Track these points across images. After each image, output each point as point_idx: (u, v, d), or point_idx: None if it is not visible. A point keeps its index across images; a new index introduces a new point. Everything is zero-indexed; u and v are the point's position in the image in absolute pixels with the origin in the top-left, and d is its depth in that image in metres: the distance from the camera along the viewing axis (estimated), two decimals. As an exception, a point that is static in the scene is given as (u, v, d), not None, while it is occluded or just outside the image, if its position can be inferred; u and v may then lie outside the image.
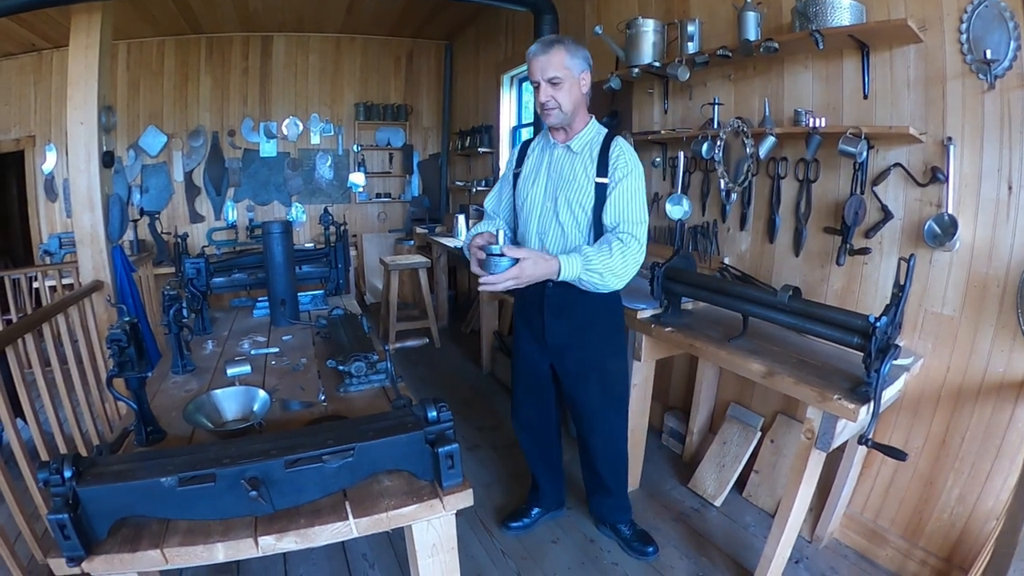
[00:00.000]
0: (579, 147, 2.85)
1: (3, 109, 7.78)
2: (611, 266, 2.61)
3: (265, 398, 2.23)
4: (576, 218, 2.83)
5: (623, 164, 2.75)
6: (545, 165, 2.96)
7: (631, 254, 2.65)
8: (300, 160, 8.78)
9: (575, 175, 2.83)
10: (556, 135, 2.93)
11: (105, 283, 4.46)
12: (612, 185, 2.74)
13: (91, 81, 4.36)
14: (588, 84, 2.82)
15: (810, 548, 3.34)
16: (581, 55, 2.74)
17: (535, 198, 2.96)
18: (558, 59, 2.68)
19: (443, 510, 1.70)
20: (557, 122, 2.80)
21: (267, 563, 3.25)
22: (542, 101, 2.75)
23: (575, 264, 2.58)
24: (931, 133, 2.84)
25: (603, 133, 2.88)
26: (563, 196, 2.85)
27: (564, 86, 2.70)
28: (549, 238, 2.92)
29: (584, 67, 2.76)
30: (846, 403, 2.37)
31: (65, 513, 1.41)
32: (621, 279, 2.67)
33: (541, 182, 2.95)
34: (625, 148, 2.80)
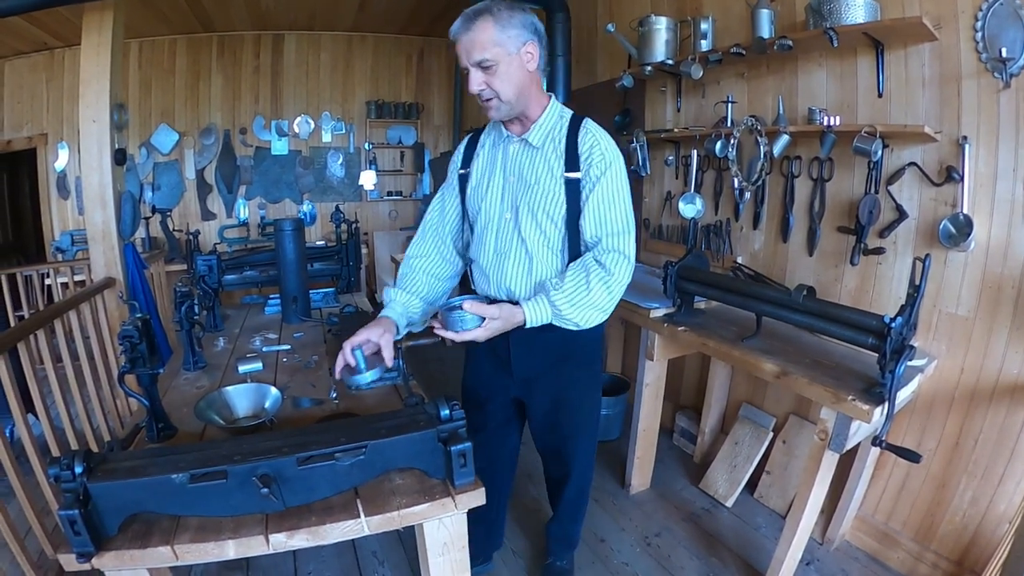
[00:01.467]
0: (539, 139, 2.29)
1: (16, 107, 7.81)
2: (591, 302, 2.19)
3: (276, 395, 2.23)
4: (544, 232, 2.29)
5: (599, 156, 2.22)
6: (499, 166, 2.40)
7: (616, 280, 2.22)
8: (311, 158, 8.78)
9: (538, 176, 2.28)
10: (510, 126, 2.35)
11: (117, 280, 4.47)
12: (588, 185, 2.23)
13: (103, 79, 4.37)
14: (536, 58, 2.20)
15: (821, 550, 3.32)
16: (519, 22, 2.12)
17: (490, 209, 2.41)
18: (485, 35, 2.08)
19: (455, 508, 1.70)
20: (501, 115, 2.24)
21: (277, 560, 3.25)
22: (474, 91, 2.18)
23: (542, 311, 2.19)
24: (946, 132, 2.82)
25: (567, 117, 2.32)
26: (525, 205, 2.30)
27: (499, 68, 2.12)
28: (511, 261, 2.37)
29: (527, 36, 2.14)
30: (860, 404, 2.35)
31: (76, 509, 1.41)
32: (605, 312, 2.26)
33: (496, 188, 2.40)
34: (599, 134, 2.27)
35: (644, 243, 4.92)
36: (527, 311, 2.18)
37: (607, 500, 3.87)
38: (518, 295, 2.37)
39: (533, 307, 2.19)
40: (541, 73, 2.29)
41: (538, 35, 2.19)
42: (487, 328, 2.13)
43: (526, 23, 2.14)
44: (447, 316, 2.13)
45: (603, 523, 3.63)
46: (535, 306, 2.19)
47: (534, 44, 2.17)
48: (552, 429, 2.70)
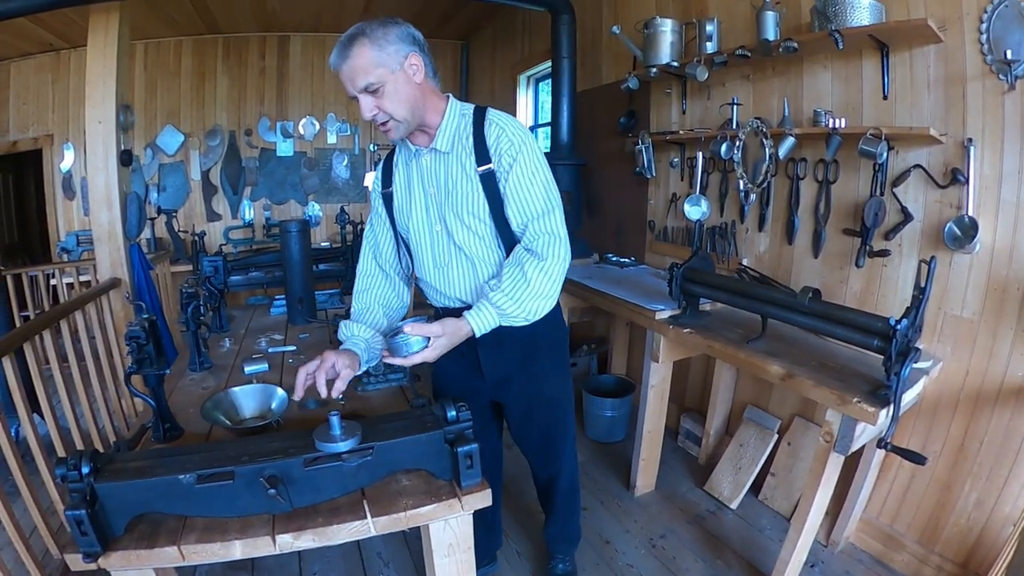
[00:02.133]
0: (447, 144, 2.23)
1: (21, 108, 7.82)
2: (533, 292, 2.11)
3: (283, 396, 2.24)
4: (476, 233, 2.26)
5: (507, 143, 2.16)
6: (417, 181, 2.35)
7: (552, 263, 2.14)
8: (317, 159, 8.77)
9: (455, 181, 2.24)
10: (415, 140, 2.29)
11: (123, 280, 4.48)
12: (503, 175, 2.17)
13: (109, 80, 4.38)
14: (421, 69, 2.13)
15: (826, 552, 3.32)
16: (395, 36, 2.06)
17: (419, 226, 2.37)
18: (363, 59, 2.02)
19: (461, 510, 1.71)
20: (401, 134, 2.18)
21: (282, 560, 3.26)
22: (367, 118, 2.13)
23: (487, 317, 2.11)
24: (951, 134, 2.81)
25: (469, 113, 2.26)
26: (451, 212, 2.26)
27: (386, 89, 2.06)
28: (454, 270, 2.35)
29: (405, 50, 2.07)
30: (866, 406, 2.35)
31: (82, 509, 1.42)
32: (551, 298, 2.18)
33: (419, 203, 2.35)
34: (503, 121, 2.21)
35: (649, 245, 4.94)
36: (472, 321, 2.10)
37: (612, 502, 3.87)
38: (469, 300, 2.34)
39: (476, 315, 2.11)
40: (432, 80, 2.21)
41: (418, 44, 2.12)
42: (434, 347, 2.03)
43: (403, 36, 2.08)
44: (391, 342, 2.02)
45: (608, 525, 3.63)
46: (479, 313, 2.11)
47: (416, 55, 2.10)
48: (534, 427, 2.67)
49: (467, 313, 2.11)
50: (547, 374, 2.57)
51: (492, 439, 2.79)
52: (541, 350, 2.49)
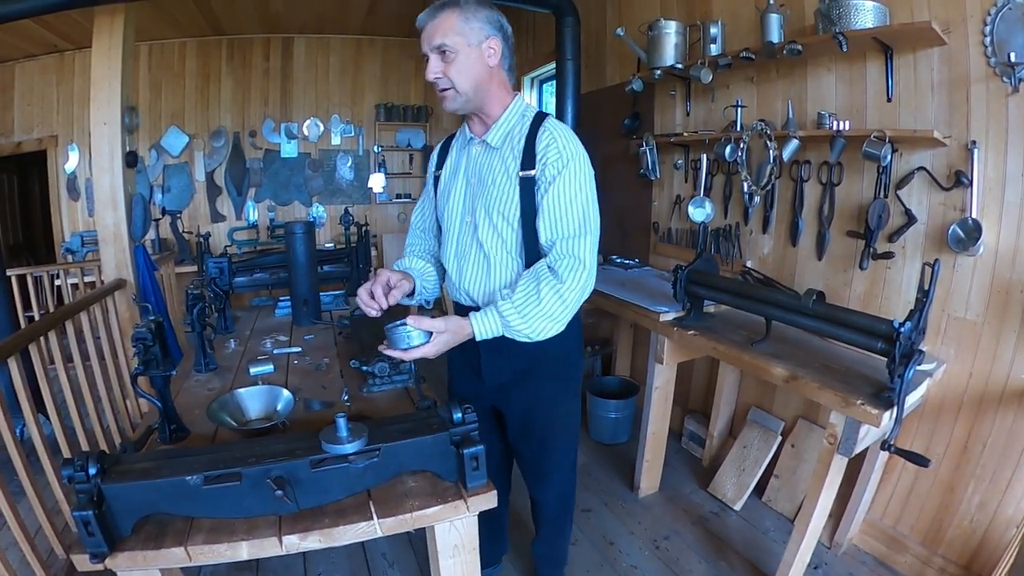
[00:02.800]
0: (498, 140, 2.23)
1: (26, 109, 7.83)
2: (543, 312, 2.06)
3: (289, 397, 2.24)
4: (500, 234, 2.22)
5: (555, 154, 2.10)
6: (463, 168, 2.36)
7: (570, 287, 2.07)
8: (321, 161, 8.78)
9: (494, 177, 2.22)
10: (473, 127, 2.33)
11: (128, 281, 4.49)
12: (543, 185, 2.12)
13: (114, 82, 4.39)
14: (498, 55, 2.15)
15: (829, 554, 3.32)
16: (484, 16, 2.10)
17: (452, 213, 2.38)
18: (447, 23, 2.05)
19: (467, 511, 1.71)
20: (456, 107, 2.18)
21: (287, 561, 3.27)
22: (430, 79, 2.14)
23: (491, 324, 2.09)
24: (955, 137, 2.81)
25: (530, 116, 2.23)
26: (481, 207, 2.25)
27: (458, 58, 2.07)
28: (469, 264, 2.33)
29: (490, 31, 2.11)
30: (870, 408, 2.35)
31: (89, 510, 1.43)
32: (559, 322, 2.11)
33: (459, 190, 2.36)
34: (558, 131, 2.15)
35: (653, 247, 4.94)
36: (474, 324, 2.08)
37: (616, 503, 3.88)
38: (477, 299, 2.34)
39: (481, 319, 2.08)
40: (506, 72, 2.24)
41: (503, 32, 2.15)
42: (435, 343, 2.00)
43: (491, 19, 2.12)
44: (392, 333, 1.98)
45: (612, 526, 3.64)
46: (483, 318, 2.08)
47: (497, 40, 2.13)
48: (526, 440, 2.60)
49: (472, 315, 2.09)
50: (548, 393, 2.48)
51: (495, 442, 2.69)
52: (543, 367, 2.40)
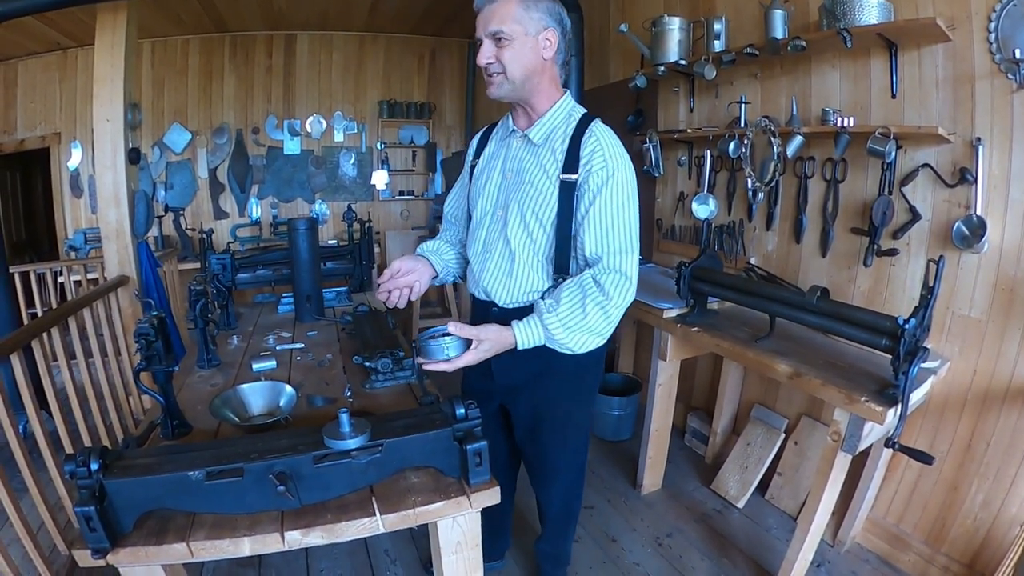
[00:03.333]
0: (541, 137, 2.19)
1: (29, 107, 7.85)
2: (587, 326, 2.05)
3: (291, 393, 2.24)
4: (531, 234, 2.18)
5: (600, 163, 2.06)
6: (501, 160, 2.32)
7: (615, 304, 2.06)
8: (324, 157, 8.78)
9: (532, 175, 2.18)
10: (517, 119, 2.28)
11: (131, 278, 4.49)
12: (588, 195, 2.08)
13: (117, 79, 4.39)
14: (554, 48, 2.11)
15: (832, 552, 3.32)
16: (545, 7, 2.06)
17: (485, 204, 2.34)
18: (506, 9, 2.02)
19: (470, 507, 1.70)
20: (502, 93, 2.13)
21: (289, 557, 3.27)
22: (482, 63, 2.11)
23: (534, 334, 2.07)
24: (960, 133, 2.81)
25: (576, 116, 2.19)
26: (515, 203, 2.21)
27: (513, 45, 2.04)
28: (494, 260, 2.30)
29: (549, 23, 2.07)
30: (874, 405, 2.35)
31: (91, 505, 1.42)
32: (602, 336, 2.12)
33: (494, 183, 2.33)
34: (605, 137, 2.11)
35: (657, 244, 4.94)
36: (518, 334, 2.06)
37: (619, 500, 3.88)
38: (496, 297, 2.31)
39: (524, 329, 2.06)
40: (559, 67, 2.20)
41: (562, 26, 2.11)
42: (477, 351, 2.01)
43: (551, 10, 2.08)
44: (428, 345, 1.97)
45: (615, 523, 3.64)
46: (527, 328, 2.06)
47: (554, 32, 2.09)
48: (533, 443, 2.57)
49: (515, 323, 2.08)
50: (557, 400, 2.44)
51: (502, 441, 2.68)
52: (556, 373, 2.36)
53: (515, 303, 2.28)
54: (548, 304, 2.08)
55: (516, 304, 2.28)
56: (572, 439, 2.57)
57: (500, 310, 2.30)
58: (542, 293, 2.22)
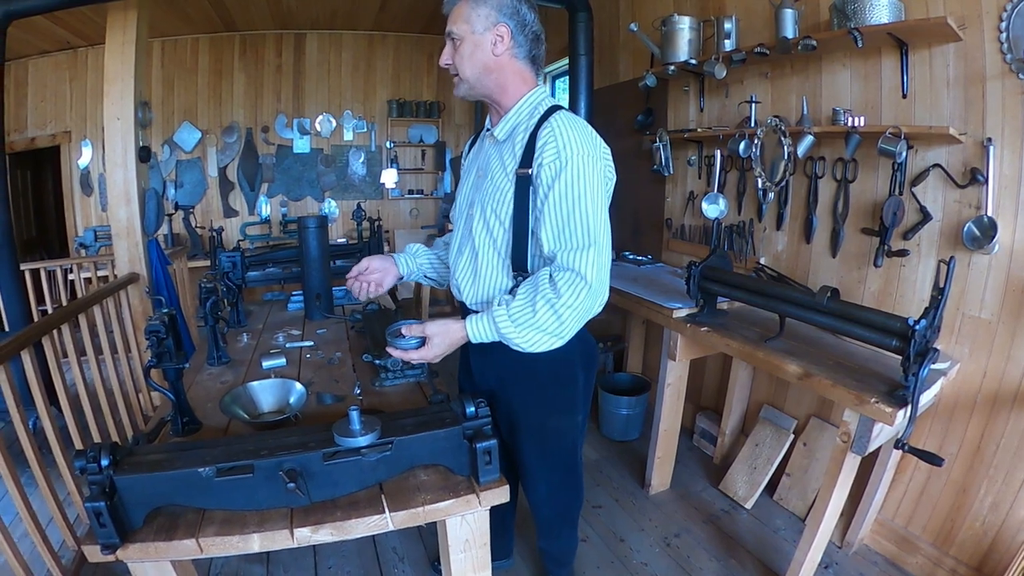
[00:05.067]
0: (504, 133, 2.14)
1: (39, 105, 7.89)
2: (536, 325, 1.92)
3: (301, 391, 2.24)
4: (492, 234, 2.12)
5: (552, 154, 1.94)
6: (477, 159, 2.32)
7: (565, 303, 1.90)
8: (333, 156, 8.80)
9: (493, 173, 2.13)
10: (492, 118, 2.25)
11: (141, 275, 4.51)
12: (542, 188, 1.97)
13: (127, 77, 4.41)
14: (506, 43, 2.04)
15: (840, 554, 3.31)
16: (494, 3, 2.00)
17: (461, 204, 2.33)
18: (459, 10, 2.03)
19: (479, 506, 1.71)
20: (461, 93, 2.15)
21: (297, 554, 3.29)
22: (441, 64, 2.14)
23: (485, 328, 1.99)
24: (970, 134, 2.80)
25: (541, 109, 2.08)
26: (479, 202, 2.17)
27: (464, 45, 2.03)
28: (463, 258, 2.27)
29: (498, 19, 2.01)
30: (883, 406, 2.34)
31: (102, 501, 1.43)
32: (556, 336, 1.97)
33: (469, 182, 2.32)
34: (562, 127, 1.96)
35: (666, 243, 4.93)
36: (468, 327, 2.00)
37: (627, 500, 3.88)
38: (465, 296, 2.28)
39: (475, 322, 1.99)
40: (523, 61, 2.11)
41: (516, 19, 2.03)
42: (431, 347, 1.98)
43: (503, 6, 2.01)
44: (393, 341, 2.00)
45: (623, 523, 3.64)
46: (477, 322, 1.99)
47: (506, 28, 2.02)
48: (513, 449, 2.48)
49: (469, 317, 2.02)
50: (531, 407, 2.34)
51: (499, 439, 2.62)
52: (529, 380, 2.28)
53: (481, 301, 2.22)
54: (503, 299, 2.01)
55: (483, 302, 2.21)
56: (552, 446, 2.46)
57: (469, 309, 2.24)
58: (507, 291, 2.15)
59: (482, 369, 2.36)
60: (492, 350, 2.09)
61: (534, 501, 2.67)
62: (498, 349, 2.04)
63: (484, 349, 2.12)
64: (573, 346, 2.11)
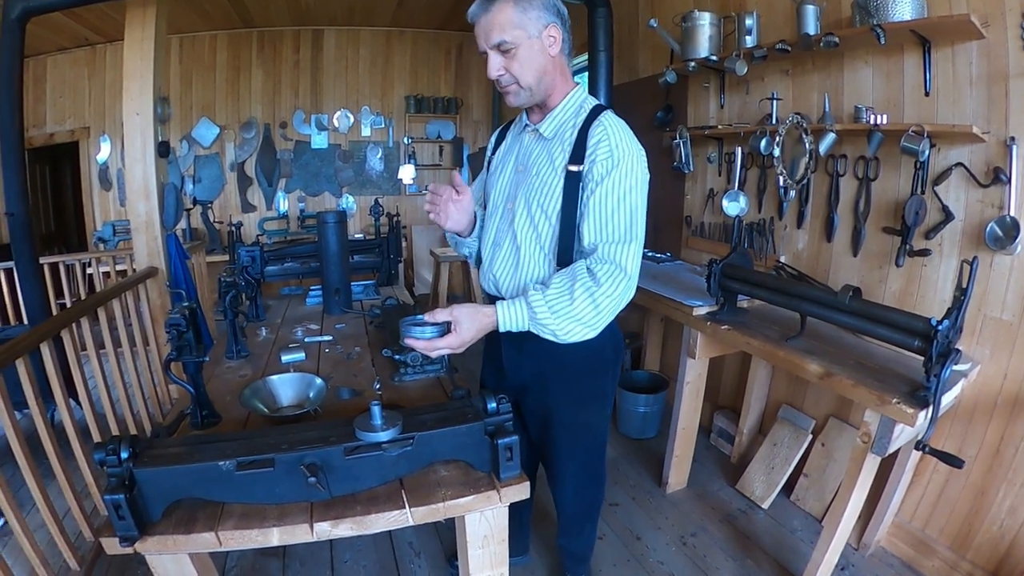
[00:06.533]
0: (551, 130, 2.14)
1: (58, 101, 7.97)
2: (572, 313, 1.91)
3: (321, 385, 2.25)
4: (536, 227, 2.13)
5: (606, 153, 1.98)
6: (514, 154, 2.30)
7: (605, 292, 1.92)
8: (351, 152, 8.85)
9: (540, 168, 2.13)
10: (531, 114, 2.23)
11: (160, 269, 4.53)
12: (591, 184, 2.00)
13: (146, 73, 4.43)
14: (559, 41, 2.05)
15: (856, 555, 3.29)
16: (540, 3, 1.98)
17: (497, 197, 2.32)
18: (504, 15, 1.94)
19: (499, 502, 1.71)
20: (522, 102, 2.11)
21: (313, 548, 3.31)
22: (492, 77, 2.05)
23: (518, 314, 1.95)
24: (993, 132, 2.76)
25: (587, 108, 2.12)
26: (522, 197, 2.17)
27: (519, 52, 1.98)
28: (502, 252, 2.25)
29: (548, 19, 2.00)
30: (905, 407, 2.32)
31: (121, 494, 1.43)
32: (590, 327, 1.96)
33: (506, 176, 2.30)
34: (613, 128, 2.03)
35: (686, 240, 4.92)
36: (500, 311, 1.95)
37: (644, 498, 3.87)
38: (504, 290, 2.26)
39: (508, 308, 1.95)
40: (566, 58, 2.13)
41: (561, 17, 2.03)
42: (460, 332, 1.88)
43: (547, 4, 1.99)
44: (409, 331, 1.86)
45: (639, 521, 3.63)
46: (510, 307, 1.95)
47: (556, 27, 2.02)
48: (544, 443, 2.52)
49: (499, 303, 1.97)
50: (566, 402, 2.37)
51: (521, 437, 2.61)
52: (564, 375, 2.30)
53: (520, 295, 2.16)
54: (537, 287, 1.99)
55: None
56: (583, 441, 2.50)
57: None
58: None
59: (516, 362, 2.35)
60: (527, 343, 2.11)
61: (560, 498, 2.69)
62: (533, 341, 2.03)
63: (518, 342, 2.17)
64: (606, 338, 2.13)
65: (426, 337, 1.87)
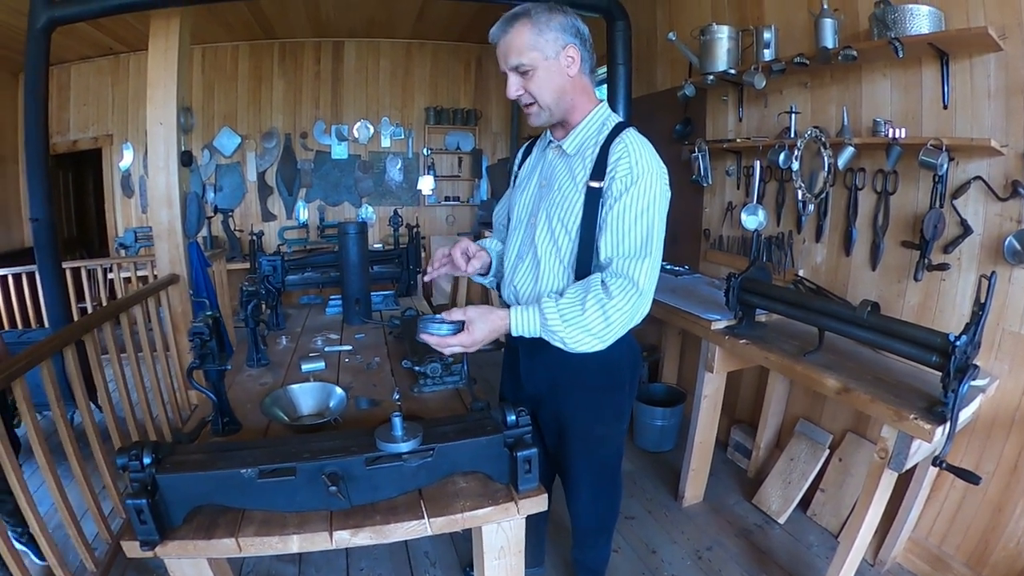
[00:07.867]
0: (574, 147, 2.18)
1: (82, 109, 8.10)
2: (583, 324, 1.94)
3: (341, 395, 2.26)
4: (557, 243, 2.16)
5: (625, 169, 2.01)
6: (538, 170, 2.34)
7: (616, 306, 1.94)
8: (371, 162, 8.90)
9: (561, 184, 2.17)
10: (555, 130, 2.27)
11: (182, 277, 4.57)
12: (609, 199, 2.03)
13: (170, 83, 4.49)
14: (578, 61, 2.08)
15: (872, 572, 3.27)
16: (557, 25, 2.02)
17: (521, 212, 2.35)
18: (521, 39, 2.01)
19: (517, 514, 1.72)
20: (542, 121, 2.17)
21: (329, 555, 3.32)
22: (511, 96, 2.11)
23: (530, 319, 1.99)
24: (1012, 146, 2.76)
25: (610, 125, 2.16)
26: (544, 211, 2.20)
27: (537, 73, 2.04)
28: (524, 266, 2.28)
29: (566, 40, 2.04)
30: (922, 423, 2.31)
31: (143, 498, 1.45)
32: (599, 339, 1.98)
33: (530, 191, 2.33)
34: (634, 144, 2.05)
35: (704, 254, 4.92)
36: (513, 315, 1.99)
37: (660, 512, 3.87)
38: (523, 301, 2.26)
39: (521, 312, 1.99)
40: (588, 77, 2.17)
41: (580, 38, 2.07)
42: (472, 331, 1.93)
43: (566, 26, 2.04)
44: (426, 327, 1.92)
45: (655, 534, 3.63)
46: (524, 312, 1.99)
47: (575, 48, 2.06)
48: (559, 454, 2.51)
49: (513, 307, 2.02)
50: (582, 414, 2.37)
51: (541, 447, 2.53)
52: (580, 387, 2.31)
53: None
54: (551, 295, 2.05)
55: None
56: (598, 453, 2.50)
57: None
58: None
59: (531, 372, 2.38)
60: (542, 352, 2.14)
61: (575, 510, 2.68)
62: (547, 351, 2.07)
63: (534, 352, 2.23)
64: (623, 351, 2.22)
65: (440, 334, 1.92)
